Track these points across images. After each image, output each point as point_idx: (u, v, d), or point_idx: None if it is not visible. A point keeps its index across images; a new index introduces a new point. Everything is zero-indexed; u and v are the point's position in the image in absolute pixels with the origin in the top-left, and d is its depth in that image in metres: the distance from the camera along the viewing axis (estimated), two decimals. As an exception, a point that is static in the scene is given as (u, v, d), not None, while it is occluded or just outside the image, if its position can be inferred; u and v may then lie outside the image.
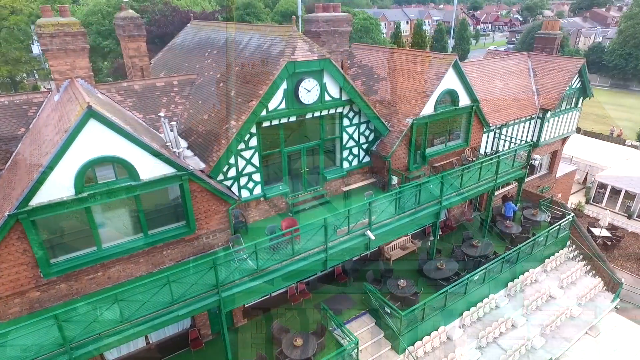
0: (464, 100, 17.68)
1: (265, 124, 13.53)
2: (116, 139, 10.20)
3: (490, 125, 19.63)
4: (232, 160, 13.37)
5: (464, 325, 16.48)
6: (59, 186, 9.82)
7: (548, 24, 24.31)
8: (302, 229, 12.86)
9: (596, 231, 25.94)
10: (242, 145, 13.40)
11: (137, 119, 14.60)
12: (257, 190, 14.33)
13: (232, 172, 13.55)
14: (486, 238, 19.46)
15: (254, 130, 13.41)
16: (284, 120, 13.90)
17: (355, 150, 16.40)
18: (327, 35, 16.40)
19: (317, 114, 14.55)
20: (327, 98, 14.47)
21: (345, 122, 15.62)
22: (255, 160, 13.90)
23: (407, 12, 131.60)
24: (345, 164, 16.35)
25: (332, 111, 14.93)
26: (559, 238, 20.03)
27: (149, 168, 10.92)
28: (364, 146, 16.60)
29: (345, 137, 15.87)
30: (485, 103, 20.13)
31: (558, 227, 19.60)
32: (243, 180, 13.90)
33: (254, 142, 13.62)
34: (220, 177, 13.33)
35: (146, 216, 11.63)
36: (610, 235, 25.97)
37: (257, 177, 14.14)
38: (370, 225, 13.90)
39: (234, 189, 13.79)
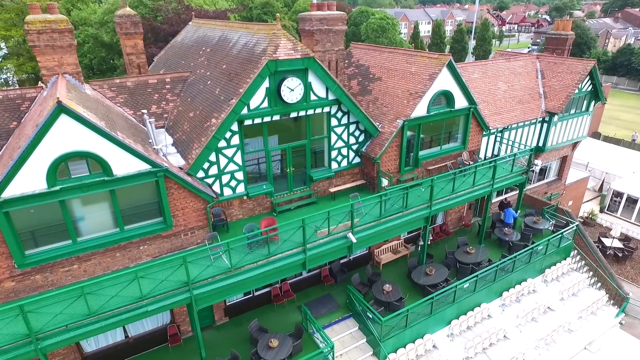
0: (461, 102, 17.16)
1: (247, 122, 13.44)
2: (89, 135, 10.33)
3: (491, 128, 19.01)
4: (213, 158, 13.35)
5: (452, 334, 15.99)
6: (31, 179, 10.02)
7: (559, 23, 23.36)
8: (280, 229, 12.73)
9: (607, 241, 24.78)
10: (223, 143, 13.36)
11: (127, 115, 14.82)
12: (240, 188, 14.27)
13: (213, 170, 13.52)
14: (483, 245, 18.86)
15: (235, 128, 13.35)
16: (267, 119, 13.79)
17: (344, 151, 16.14)
18: (321, 34, 16.17)
19: (302, 113, 14.37)
20: (313, 97, 14.28)
21: (333, 122, 15.38)
22: (238, 158, 13.84)
23: (429, 12, 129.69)
24: (334, 165, 16.11)
25: (318, 111, 14.73)
26: (561, 247, 19.21)
27: (123, 164, 11.02)
28: (354, 147, 16.32)
29: (334, 137, 15.63)
30: (486, 105, 19.52)
31: (560, 235, 18.80)
32: (225, 179, 13.86)
33: (236, 140, 13.56)
34: (202, 174, 13.34)
35: (122, 211, 11.75)
36: (622, 246, 24.76)
37: (239, 175, 14.08)
38: (352, 227, 13.64)
39: (216, 186, 13.77)
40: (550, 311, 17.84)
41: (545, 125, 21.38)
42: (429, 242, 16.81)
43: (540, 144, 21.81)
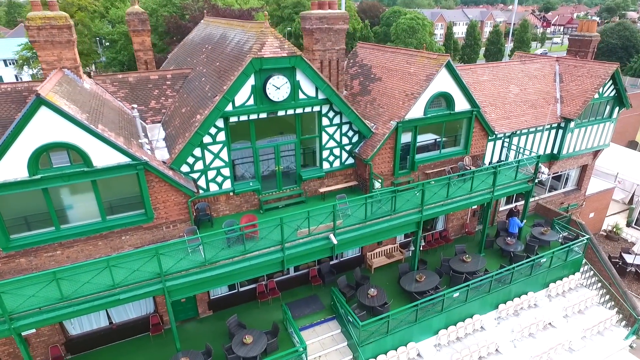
0: (462, 105, 16.54)
1: (233, 119, 13.57)
2: (69, 126, 10.75)
3: (497, 133, 18.19)
4: (198, 154, 13.58)
5: (439, 344, 15.45)
6: (13, 167, 10.56)
7: (583, 24, 22.03)
8: (259, 226, 12.76)
9: (629, 258, 23.12)
10: (209, 139, 13.55)
11: (125, 110, 15.33)
12: (227, 184, 14.43)
13: (199, 165, 13.75)
14: (483, 254, 18.10)
15: (221, 124, 13.51)
16: (253, 117, 13.85)
17: (336, 151, 15.97)
18: (320, 33, 16.04)
19: (290, 111, 14.34)
20: (302, 96, 14.22)
21: (325, 121, 15.25)
22: (224, 154, 14.00)
23: (468, 12, 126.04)
24: (326, 165, 15.98)
25: (308, 110, 14.64)
26: (568, 261, 18.11)
27: (103, 156, 11.40)
28: (347, 147, 16.11)
29: (325, 137, 15.49)
30: (494, 109, 18.72)
31: (567, 249, 17.72)
32: (211, 174, 14.05)
33: (222, 136, 13.72)
34: (187, 169, 13.60)
35: (105, 201, 12.17)
36: (645, 264, 23.03)
37: (226, 171, 14.23)
38: (334, 228, 13.46)
39: (202, 182, 13.99)
40: (551, 328, 16.87)
41: (560, 131, 20.21)
42: (421, 248, 16.36)
43: (555, 151, 20.65)
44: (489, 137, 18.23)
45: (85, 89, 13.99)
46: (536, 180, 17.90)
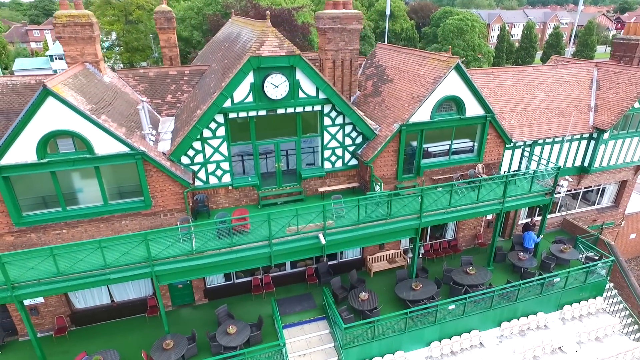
0: (474, 110, 15.82)
1: (232, 115, 13.98)
2: (73, 116, 11.66)
3: (515, 140, 17.20)
4: (199, 147, 14.14)
5: (431, 357, 14.94)
6: (24, 151, 11.65)
7: (630, 27, 20.17)
8: (250, 221, 13.09)
9: (671, 286, 20.85)
10: (209, 134, 14.07)
11: (142, 101, 16.27)
12: (226, 178, 14.90)
13: (199, 158, 14.32)
14: (491, 268, 17.23)
15: (221, 120, 13.97)
16: (252, 113, 14.17)
17: (339, 152, 15.92)
18: (333, 33, 16.16)
19: (290, 110, 14.50)
20: (302, 95, 14.33)
21: (327, 121, 15.26)
22: (224, 149, 14.46)
23: (530, 13, 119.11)
24: (327, 165, 15.99)
25: (308, 109, 14.72)
26: (588, 283, 16.73)
27: (105, 144, 12.24)
28: (350, 148, 16.00)
29: (327, 136, 15.51)
30: (514, 115, 17.71)
31: (586, 270, 16.39)
32: (211, 167, 14.58)
33: (222, 131, 14.18)
34: (187, 161, 14.21)
35: (107, 187, 13.06)
36: (690, 294, 20.64)
37: (225, 165, 14.70)
38: (324, 228, 13.47)
39: (202, 174, 14.55)
40: (560, 353, 15.70)
41: (592, 142, 18.69)
42: (419, 255, 15.88)
43: (586, 164, 19.14)
44: (506, 145, 17.27)
45: (104, 82, 15.05)
46: (561, 195, 16.77)
